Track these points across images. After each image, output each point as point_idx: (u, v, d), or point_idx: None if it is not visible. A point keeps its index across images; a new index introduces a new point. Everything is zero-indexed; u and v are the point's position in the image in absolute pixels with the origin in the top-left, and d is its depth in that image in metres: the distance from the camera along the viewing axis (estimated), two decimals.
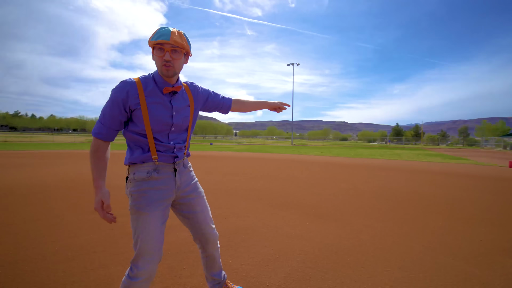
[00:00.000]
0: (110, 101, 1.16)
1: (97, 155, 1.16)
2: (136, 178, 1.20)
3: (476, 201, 4.22)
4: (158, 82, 1.22)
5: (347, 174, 7.16)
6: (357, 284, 1.76)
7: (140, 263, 1.17)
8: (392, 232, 2.74)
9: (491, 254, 2.24)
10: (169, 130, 1.25)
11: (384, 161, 11.75)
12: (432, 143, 61.74)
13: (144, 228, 1.18)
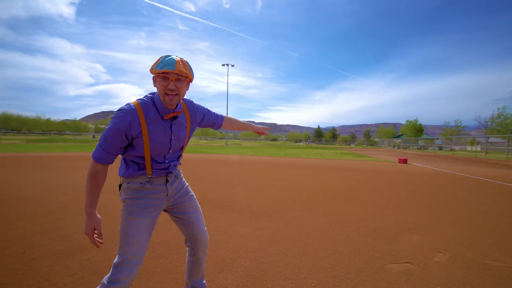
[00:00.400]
0: (112, 129, 1.16)
1: (95, 180, 1.18)
2: (130, 187, 1.26)
3: (382, 191, 5.27)
4: (160, 108, 1.24)
5: (284, 173, 7.75)
6: (305, 271, 1.99)
7: (124, 268, 1.19)
8: (322, 221, 3.16)
9: (397, 233, 2.87)
10: (166, 152, 1.31)
11: (311, 160, 13.18)
12: (345, 143, 72.85)
13: (134, 233, 1.21)
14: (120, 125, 1.15)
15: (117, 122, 1.15)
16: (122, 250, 1.21)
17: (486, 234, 2.85)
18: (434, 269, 2.06)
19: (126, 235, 1.22)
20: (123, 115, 1.16)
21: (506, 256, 2.31)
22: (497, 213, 3.72)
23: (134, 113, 1.18)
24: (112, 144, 1.17)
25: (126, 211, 1.24)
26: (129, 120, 1.16)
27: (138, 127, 1.18)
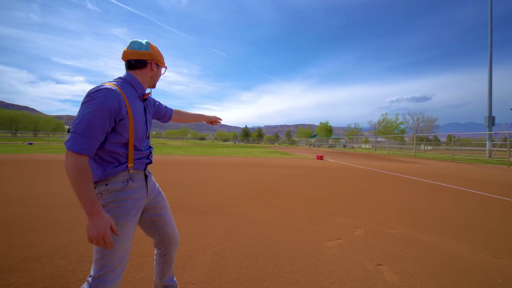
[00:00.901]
0: (101, 111, 1.03)
1: (86, 175, 1.02)
2: (110, 189, 1.15)
3: (308, 183, 6.08)
4: (138, 88, 1.25)
5: (221, 172, 7.84)
6: (262, 257, 2.22)
7: (108, 277, 1.11)
8: (267, 214, 3.50)
9: (326, 218, 3.46)
10: (145, 136, 1.29)
11: (244, 158, 13.70)
12: (269, 142, 78.19)
13: (119, 239, 1.14)
14: (109, 103, 1.05)
15: (105, 101, 1.04)
16: (105, 259, 1.11)
17: (388, 213, 3.77)
18: (356, 240, 2.64)
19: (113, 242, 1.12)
20: (110, 93, 1.06)
21: (400, 225, 3.16)
22: (392, 196, 4.92)
23: (118, 92, 1.11)
24: (99, 128, 1.04)
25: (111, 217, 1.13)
26: (118, 98, 1.09)
27: (124, 106, 1.13)
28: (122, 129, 1.13)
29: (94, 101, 1.03)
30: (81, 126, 1.01)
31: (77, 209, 3.52)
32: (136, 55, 1.23)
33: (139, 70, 1.25)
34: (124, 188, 1.17)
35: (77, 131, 1.01)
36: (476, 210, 4.00)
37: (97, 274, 1.11)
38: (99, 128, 1.03)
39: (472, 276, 1.98)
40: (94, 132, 1.02)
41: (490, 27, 20.80)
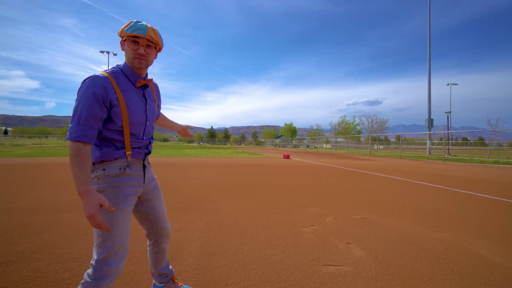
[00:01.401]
0: (87, 98, 1.04)
1: (80, 158, 1.02)
2: (107, 174, 1.16)
3: (278, 180, 6.40)
4: (129, 75, 1.20)
5: (192, 172, 7.76)
6: (247, 245, 2.39)
7: (111, 261, 1.13)
8: (244, 208, 3.68)
9: (299, 208, 3.75)
10: (145, 125, 1.26)
11: (213, 159, 13.62)
12: (236, 143, 78.16)
13: (119, 224, 1.15)
14: (95, 89, 1.05)
15: (91, 87, 1.05)
16: (106, 243, 1.12)
17: (352, 202, 4.22)
18: (327, 226, 2.97)
19: (110, 226, 1.12)
20: (96, 80, 1.07)
21: (363, 212, 3.59)
22: (353, 189, 5.47)
23: (106, 78, 1.10)
24: (91, 115, 1.04)
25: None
26: (101, 84, 1.08)
27: (113, 92, 1.11)
28: (115, 116, 1.13)
29: (81, 90, 1.06)
30: (74, 116, 1.05)
31: (44, 213, 3.29)
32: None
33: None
34: (121, 174, 1.18)
35: (72, 121, 1.05)
36: (420, 196, 4.70)
37: (100, 257, 1.12)
38: (89, 114, 1.04)
39: (420, 246, 2.42)
40: (85, 119, 1.04)
41: (429, 40, 23.88)
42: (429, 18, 23.32)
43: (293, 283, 1.77)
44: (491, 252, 2.32)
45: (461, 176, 7.98)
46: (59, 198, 4.13)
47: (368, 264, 2.06)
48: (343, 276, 1.87)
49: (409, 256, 2.21)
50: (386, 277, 1.87)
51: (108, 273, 1.12)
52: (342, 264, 2.05)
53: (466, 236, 2.70)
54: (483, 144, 47.89)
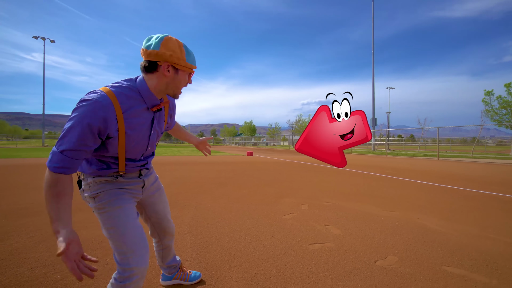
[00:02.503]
0: (79, 127, 0.89)
1: (55, 190, 0.90)
2: (97, 181, 1.10)
3: (248, 175, 6.61)
4: (147, 98, 1.05)
5: (157, 170, 7.43)
6: (239, 234, 2.54)
7: (131, 260, 1.06)
8: (224, 202, 3.80)
9: (276, 199, 4.02)
10: (144, 150, 1.17)
11: (174, 157, 13.13)
12: None
13: (124, 221, 1.09)
14: (92, 121, 0.90)
15: (88, 116, 0.89)
16: (119, 247, 1.06)
17: (320, 192, 4.66)
18: (304, 212, 3.29)
19: (115, 227, 1.07)
20: (95, 108, 0.91)
21: (332, 199, 4.03)
22: (319, 181, 5.99)
23: (109, 106, 0.94)
24: (80, 146, 0.91)
25: (103, 204, 1.08)
26: (103, 116, 0.92)
27: (115, 124, 0.96)
28: (110, 146, 1.01)
29: (77, 115, 0.90)
30: (62, 142, 0.90)
31: (5, 219, 2.90)
32: (145, 55, 1.00)
33: (151, 75, 1.03)
34: (113, 181, 1.13)
35: (58, 147, 0.90)
36: (374, 185, 5.42)
37: (119, 259, 1.08)
38: (80, 146, 0.91)
39: (382, 223, 2.89)
40: (73, 152, 0.91)
41: (372, 48, 26.78)
42: (373, 28, 26.15)
43: (288, 260, 2.00)
44: (434, 224, 2.91)
45: (401, 167, 9.32)
46: (17, 202, 3.64)
47: (346, 239, 2.41)
48: (329, 251, 2.17)
49: (375, 231, 2.64)
50: (361, 248, 2.23)
51: (132, 275, 1.06)
52: (325, 241, 2.36)
53: (415, 214, 3.30)
54: (414, 140, 55.59)
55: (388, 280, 1.72)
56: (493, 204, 3.83)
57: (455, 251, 2.17)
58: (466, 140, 37.17)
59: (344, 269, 1.86)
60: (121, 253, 1.07)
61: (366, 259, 2.01)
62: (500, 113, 19.87)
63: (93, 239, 2.38)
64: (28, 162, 9.67)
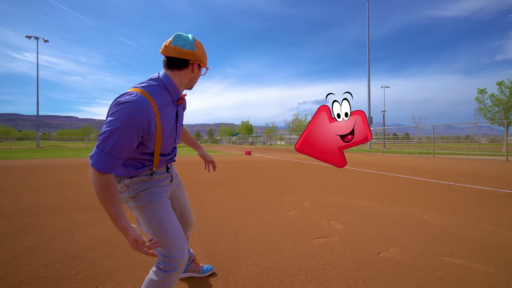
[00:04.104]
0: (125, 128, 0.93)
1: (110, 191, 0.96)
2: (135, 181, 1.16)
3: (249, 174, 6.67)
4: (173, 92, 1.13)
5: None
6: (245, 229, 2.60)
7: (176, 253, 1.16)
8: (227, 200, 3.85)
9: (277, 196, 4.09)
10: (174, 144, 1.26)
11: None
12: None
13: (166, 217, 1.17)
14: (137, 122, 0.96)
15: (133, 118, 0.94)
16: (163, 242, 1.14)
17: (321, 189, 4.74)
18: (307, 209, 3.36)
19: (159, 223, 1.14)
20: (139, 109, 0.96)
21: (332, 196, 4.11)
22: (318, 178, 6.08)
23: (148, 104, 1.00)
24: (127, 147, 0.97)
25: (145, 202, 1.15)
26: (148, 117, 0.99)
27: (154, 121, 1.03)
28: (148, 142, 1.08)
29: (120, 117, 0.93)
30: (106, 143, 0.93)
31: (8, 219, 2.91)
32: (179, 53, 1.07)
33: (178, 71, 1.11)
34: (149, 179, 1.19)
35: (102, 148, 0.93)
36: (372, 181, 5.53)
37: (165, 253, 1.15)
38: (125, 147, 0.96)
39: (382, 217, 2.98)
40: (119, 152, 0.95)
41: (368, 47, 27.00)
42: (368, 27, 26.37)
43: (295, 253, 2.07)
44: (432, 217, 3.01)
45: (398, 164, 9.47)
46: (19, 202, 3.64)
47: (349, 233, 2.49)
48: (333, 244, 2.24)
49: (377, 225, 2.73)
50: (364, 241, 2.31)
51: (176, 265, 1.16)
52: (329, 236, 2.44)
53: (413, 208, 3.40)
54: (409, 138, 56.24)
55: (392, 270, 1.80)
56: (487, 198, 3.96)
57: (454, 242, 2.27)
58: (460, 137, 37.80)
59: (349, 261, 1.94)
60: (166, 247, 1.15)
61: (369, 251, 2.09)
62: (492, 110, 20.24)
63: (102, 237, 2.41)
64: (25, 164, 9.59)
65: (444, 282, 1.65)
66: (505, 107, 19.30)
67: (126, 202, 1.17)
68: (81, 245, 2.23)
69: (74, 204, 3.58)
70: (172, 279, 1.16)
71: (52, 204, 3.61)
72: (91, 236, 2.43)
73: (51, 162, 10.36)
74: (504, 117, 19.38)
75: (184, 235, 1.24)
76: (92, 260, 1.95)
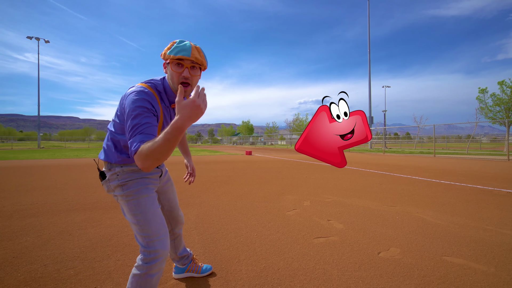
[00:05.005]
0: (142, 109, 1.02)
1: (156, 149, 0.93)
2: (125, 170, 1.20)
3: (249, 173, 6.66)
4: (170, 95, 1.20)
5: None
6: (245, 230, 2.60)
7: (157, 244, 1.16)
8: (227, 199, 3.85)
9: (277, 196, 4.08)
10: None
11: (173, 157, 13.13)
12: (192, 141, 75.82)
13: (149, 208, 1.19)
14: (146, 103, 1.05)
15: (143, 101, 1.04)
16: (145, 231, 1.15)
17: (321, 189, 4.73)
18: (307, 208, 3.36)
19: (143, 213, 1.16)
20: (145, 96, 1.06)
21: (332, 196, 4.10)
22: (318, 178, 6.07)
23: (153, 96, 1.10)
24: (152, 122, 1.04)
25: (132, 192, 1.17)
26: (151, 103, 1.08)
27: (158, 112, 1.12)
28: None
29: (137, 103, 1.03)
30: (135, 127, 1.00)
31: (8, 219, 2.92)
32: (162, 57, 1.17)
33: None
34: (139, 170, 1.21)
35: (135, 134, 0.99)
36: (372, 181, 5.52)
37: (145, 243, 1.16)
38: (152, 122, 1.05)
39: (382, 217, 2.97)
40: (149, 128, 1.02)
41: (368, 46, 26.97)
42: (369, 27, 26.33)
43: (295, 253, 2.06)
44: (432, 217, 3.00)
45: (399, 164, 9.45)
46: (20, 202, 3.65)
47: (349, 233, 2.48)
48: (333, 244, 2.24)
49: (377, 225, 2.72)
50: (365, 241, 2.30)
51: (156, 256, 1.16)
52: (329, 235, 2.43)
53: (414, 208, 3.39)
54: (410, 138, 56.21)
55: (392, 270, 1.79)
56: (488, 198, 3.94)
57: (454, 242, 2.26)
58: (461, 137, 37.71)
59: (349, 261, 1.93)
60: (147, 237, 1.16)
61: (369, 251, 2.09)
62: (494, 110, 20.19)
63: (101, 237, 2.41)
64: (26, 164, 9.61)
65: (444, 282, 1.64)
66: (506, 107, 19.25)
67: (113, 190, 1.20)
68: (80, 245, 2.23)
69: (74, 204, 3.59)
70: (153, 270, 1.15)
71: (52, 204, 3.62)
72: (91, 236, 2.43)
73: (52, 162, 10.38)
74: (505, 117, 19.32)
75: (167, 228, 1.25)
76: (91, 260, 1.95)
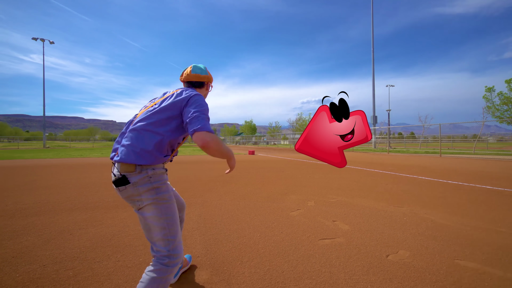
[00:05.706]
0: (208, 109, 1.31)
1: (221, 143, 1.26)
2: (157, 173, 1.26)
3: (252, 173, 6.60)
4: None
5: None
6: (248, 230, 2.53)
7: (179, 248, 1.26)
8: (229, 199, 3.79)
9: (281, 196, 4.01)
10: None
11: (177, 157, 13.13)
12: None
13: (175, 214, 1.29)
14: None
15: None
16: (173, 235, 1.24)
17: (325, 189, 4.65)
18: (311, 209, 3.28)
19: (173, 217, 1.26)
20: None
21: (337, 196, 4.02)
22: (322, 177, 5.98)
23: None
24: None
25: (166, 196, 1.26)
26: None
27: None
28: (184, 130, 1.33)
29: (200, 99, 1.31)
30: (203, 112, 1.25)
31: (10, 218, 2.90)
32: (198, 78, 1.51)
33: (198, 89, 1.52)
34: (164, 172, 1.34)
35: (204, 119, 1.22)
36: (378, 181, 5.42)
37: (170, 247, 1.22)
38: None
39: (390, 218, 2.88)
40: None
41: (372, 45, 26.71)
42: (372, 26, 26.08)
43: (300, 255, 1.99)
44: (441, 218, 2.90)
45: (404, 164, 9.31)
46: (22, 201, 3.64)
47: (355, 235, 2.40)
48: (339, 246, 2.16)
49: (384, 226, 2.64)
50: (372, 243, 2.22)
51: (178, 259, 1.25)
52: (335, 237, 2.36)
53: (421, 209, 3.29)
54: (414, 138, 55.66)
55: (402, 274, 1.71)
56: (498, 199, 3.82)
57: (466, 245, 2.16)
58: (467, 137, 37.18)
59: (357, 264, 1.85)
60: (173, 241, 1.23)
61: (377, 254, 2.01)
62: (501, 109, 19.85)
63: (102, 237, 2.37)
64: (31, 163, 9.68)
65: (459, 287, 1.56)
66: None
67: (139, 195, 1.20)
68: (80, 245, 2.19)
69: (76, 204, 3.57)
70: (173, 274, 1.22)
71: (54, 203, 3.60)
72: (91, 236, 2.39)
73: (56, 162, 10.45)
74: None
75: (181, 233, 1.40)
76: (91, 261, 1.90)
